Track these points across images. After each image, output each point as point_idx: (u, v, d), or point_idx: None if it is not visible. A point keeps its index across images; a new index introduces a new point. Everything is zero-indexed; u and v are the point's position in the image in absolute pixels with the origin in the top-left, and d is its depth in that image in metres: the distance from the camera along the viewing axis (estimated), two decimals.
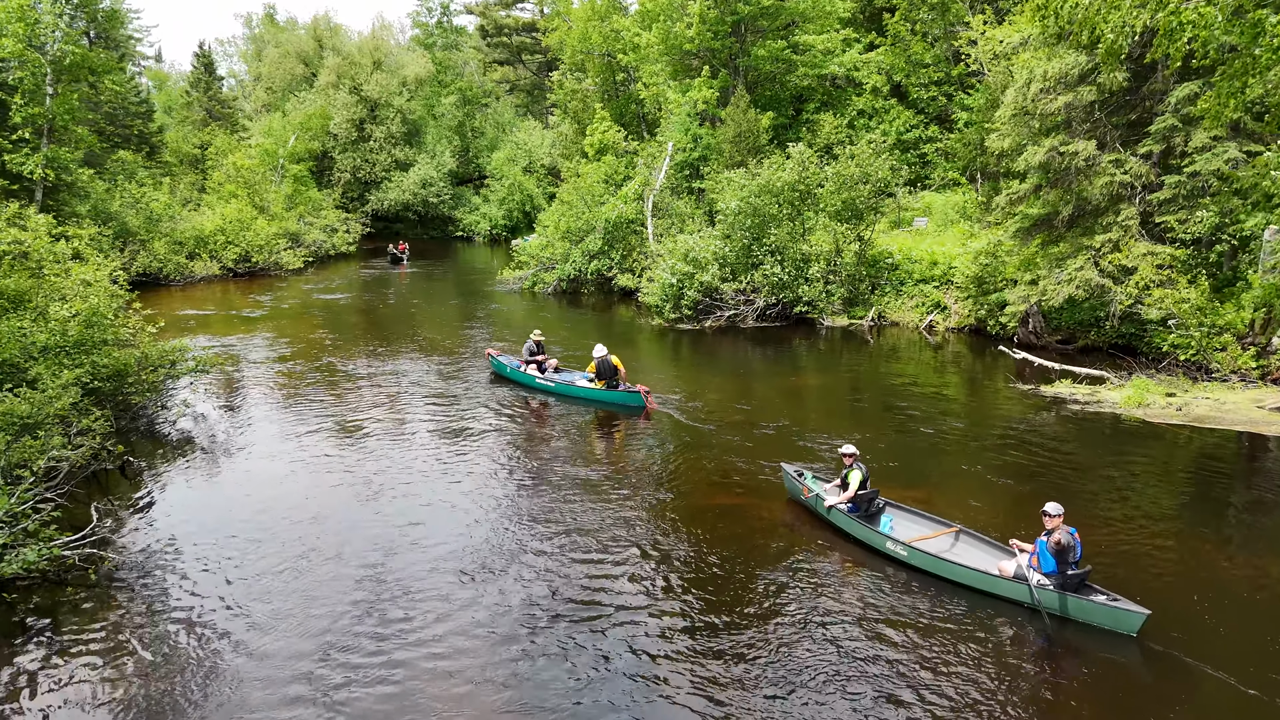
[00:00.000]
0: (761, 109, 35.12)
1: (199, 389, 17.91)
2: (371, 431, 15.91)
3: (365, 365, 21.43)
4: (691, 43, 35.27)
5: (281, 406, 17.52)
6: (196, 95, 55.36)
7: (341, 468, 13.87)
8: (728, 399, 18.57)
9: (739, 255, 25.57)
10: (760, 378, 21.11)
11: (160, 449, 14.73)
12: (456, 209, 61.87)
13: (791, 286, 25.29)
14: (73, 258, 21.91)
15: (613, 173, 36.01)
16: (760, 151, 32.32)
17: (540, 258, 34.29)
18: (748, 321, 25.60)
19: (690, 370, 21.95)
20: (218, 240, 37.83)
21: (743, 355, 23.46)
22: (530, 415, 17.50)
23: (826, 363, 22.83)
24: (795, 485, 12.19)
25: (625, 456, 14.97)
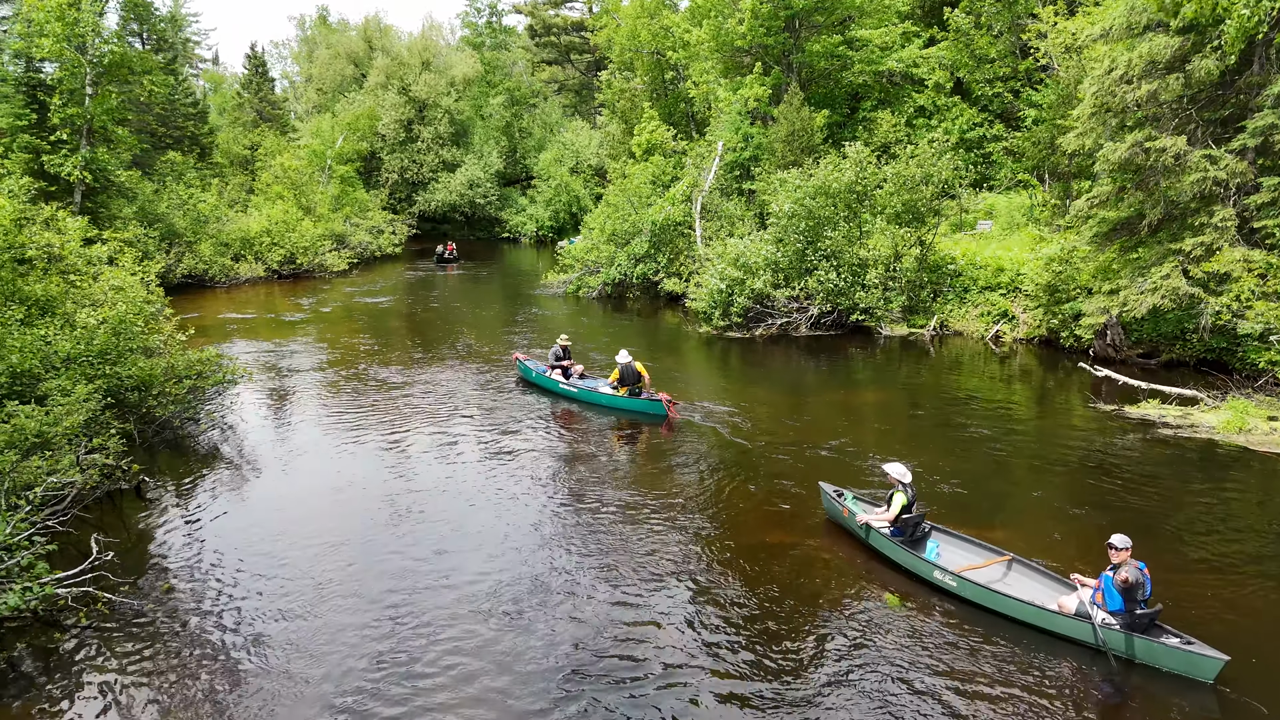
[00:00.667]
0: (816, 107, 33.76)
1: (229, 400, 17.25)
2: (401, 448, 15.08)
3: (400, 373, 20.68)
4: (743, 39, 34.06)
5: (311, 420, 16.78)
6: (247, 96, 55.71)
7: (365, 487, 13.04)
8: (777, 412, 17.48)
9: (792, 260, 24.31)
10: (813, 390, 19.90)
11: (182, 465, 14.05)
12: (503, 210, 61.42)
13: (848, 293, 23.97)
14: (108, 262, 21.60)
15: (660, 173, 34.98)
16: (814, 151, 30.98)
17: (585, 261, 33.39)
18: (800, 330, 24.35)
19: (738, 381, 20.81)
20: (263, 242, 37.67)
21: (795, 366, 22.25)
22: (563, 428, 16.62)
23: (884, 375, 21.50)
24: (834, 506, 11.46)
25: (664, 475, 13.94)
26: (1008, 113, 33.10)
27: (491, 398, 18.64)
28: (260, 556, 10.64)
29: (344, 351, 23.27)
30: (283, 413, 17.13)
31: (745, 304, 23.86)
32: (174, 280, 33.50)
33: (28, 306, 15.40)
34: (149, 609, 9.32)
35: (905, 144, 32.16)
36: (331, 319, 28.43)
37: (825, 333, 24.44)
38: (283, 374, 20.43)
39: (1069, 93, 25.72)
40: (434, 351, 23.49)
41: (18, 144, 20.24)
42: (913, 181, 23.87)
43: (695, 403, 18.07)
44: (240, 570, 10.28)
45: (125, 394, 14.42)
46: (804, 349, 23.45)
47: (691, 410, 17.33)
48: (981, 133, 32.05)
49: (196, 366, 15.26)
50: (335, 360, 22.12)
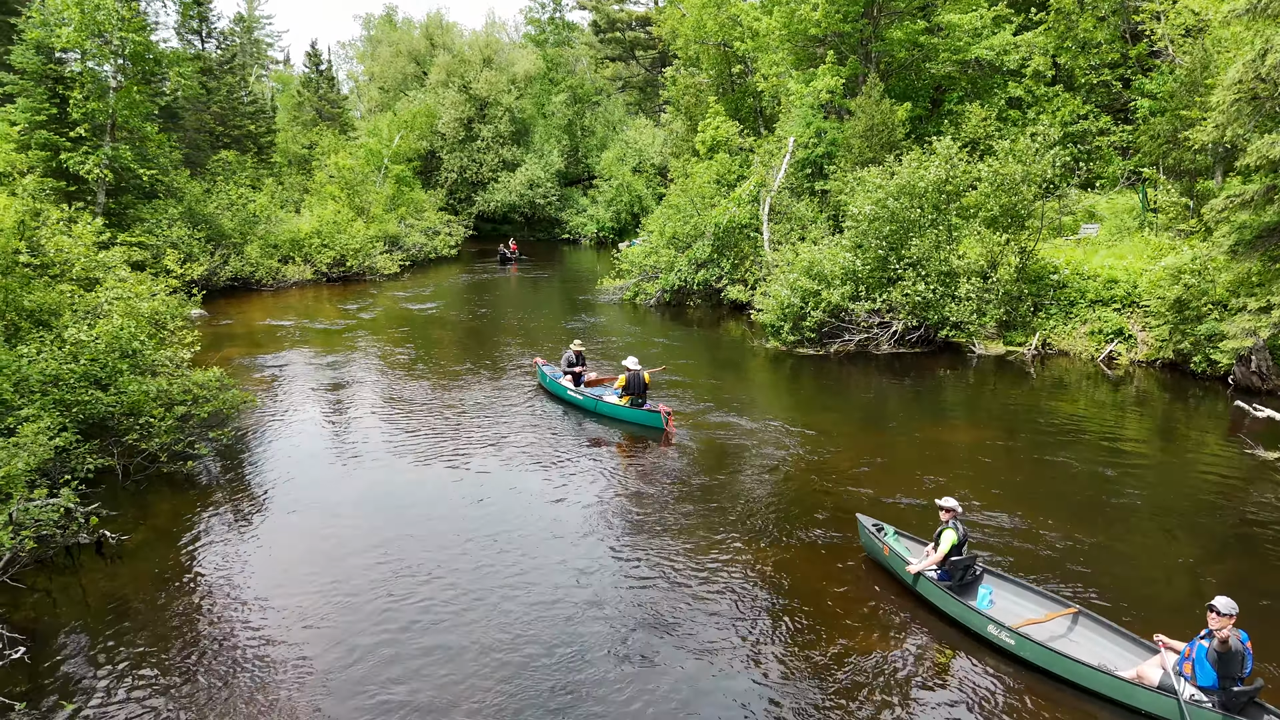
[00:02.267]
0: (896, 100, 30.92)
1: (240, 425, 15.47)
2: (416, 483, 13.07)
3: (433, 391, 18.75)
4: (818, 26, 31.41)
5: (323, 454, 14.68)
6: (307, 95, 55.05)
7: (365, 539, 11.03)
8: (850, 440, 15.53)
9: (873, 269, 21.69)
10: (893, 415, 17.49)
11: (167, 510, 12.06)
12: (563, 211, 59.68)
13: (936, 306, 21.25)
14: (136, 267, 20.20)
15: (725, 172, 32.60)
16: (895, 147, 28.20)
17: (643, 266, 31.18)
18: (882, 347, 21.71)
19: (808, 405, 18.38)
20: (312, 243, 36.41)
21: (874, 388, 19.70)
22: (594, 447, 14.87)
23: (976, 399, 18.86)
24: (873, 542, 10.32)
25: (708, 503, 12.37)
26: (1115, 103, 29.78)
27: (528, 420, 16.58)
28: (241, 646, 8.67)
29: (378, 365, 21.50)
30: (298, 441, 15.22)
31: (820, 318, 21.31)
32: (219, 283, 32.44)
33: (24, 318, 13.90)
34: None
35: (997, 139, 29.23)
36: (373, 327, 26.79)
37: (909, 350, 21.76)
38: (306, 392, 18.67)
39: (1194, 79, 22.55)
40: (473, 366, 21.56)
41: (35, 140, 18.92)
42: (1012, 181, 21.05)
43: (759, 423, 16.26)
44: (199, 664, 8.32)
45: (115, 421, 12.75)
46: (885, 369, 20.85)
47: (752, 435, 15.57)
48: (1086, 126, 28.77)
49: (195, 390, 13.47)
50: (366, 376, 20.33)
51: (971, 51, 31.58)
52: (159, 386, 12.95)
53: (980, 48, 31.32)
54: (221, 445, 13.79)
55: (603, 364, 21.19)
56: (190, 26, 46.34)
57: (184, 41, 46.35)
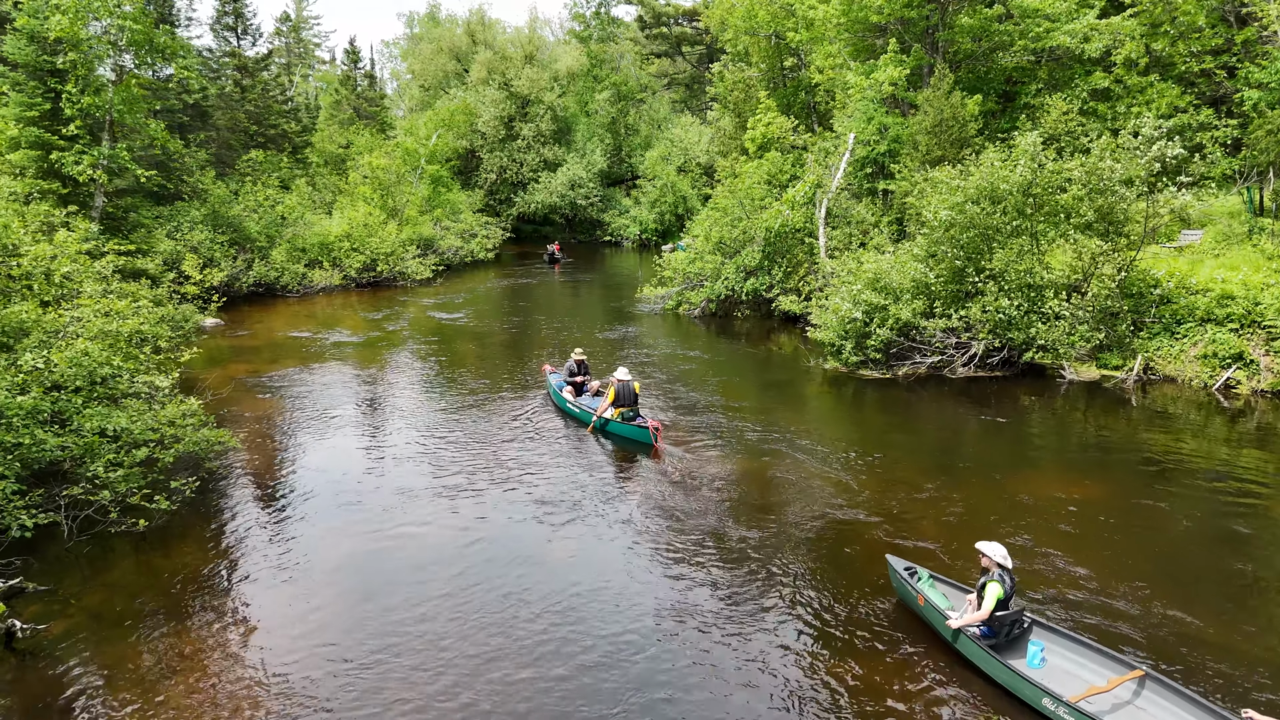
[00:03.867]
0: (966, 93, 28.24)
1: (206, 472, 13.04)
2: (408, 540, 11.00)
3: (442, 423, 16.70)
4: (880, 13, 28.87)
5: (305, 504, 12.53)
6: (345, 93, 53.80)
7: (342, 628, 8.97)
8: (916, 474, 13.69)
9: (947, 281, 19.17)
10: (968, 448, 15.31)
11: (101, 583, 9.88)
12: (605, 212, 57.60)
13: (1020, 324, 18.65)
14: (134, 277, 18.55)
15: (777, 172, 30.20)
16: (967, 144, 25.61)
17: (686, 273, 28.92)
18: (957, 370, 19.16)
19: (872, 434, 16.02)
20: (342, 247, 34.79)
21: (947, 416, 17.27)
22: (610, 470, 13.24)
23: (1064, 430, 16.40)
24: (905, 587, 9.29)
25: (748, 541, 11.10)
26: (1218, 95, 26.73)
27: (547, 445, 14.48)
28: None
29: (389, 388, 19.56)
30: (280, 488, 13.07)
31: (887, 337, 18.83)
32: (242, 289, 30.98)
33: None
34: None
35: (1081, 135, 26.42)
36: (394, 340, 24.91)
37: (988, 374, 19.19)
38: (304, 421, 16.66)
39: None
40: (494, 385, 19.52)
41: (25, 138, 17.34)
42: (1110, 181, 18.39)
43: (811, 454, 14.46)
44: None
45: (67, 467, 10.92)
46: (960, 395, 18.35)
47: (802, 467, 13.93)
48: (1186, 120, 25.77)
49: (163, 428, 11.54)
50: (374, 401, 18.35)
51: (1050, 39, 28.75)
52: (120, 424, 11.06)
53: (1060, 34, 28.47)
54: (187, 496, 11.56)
55: (638, 384, 19.04)
56: (226, 24, 45.27)
57: (219, 39, 45.35)
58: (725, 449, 15.07)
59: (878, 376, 19.35)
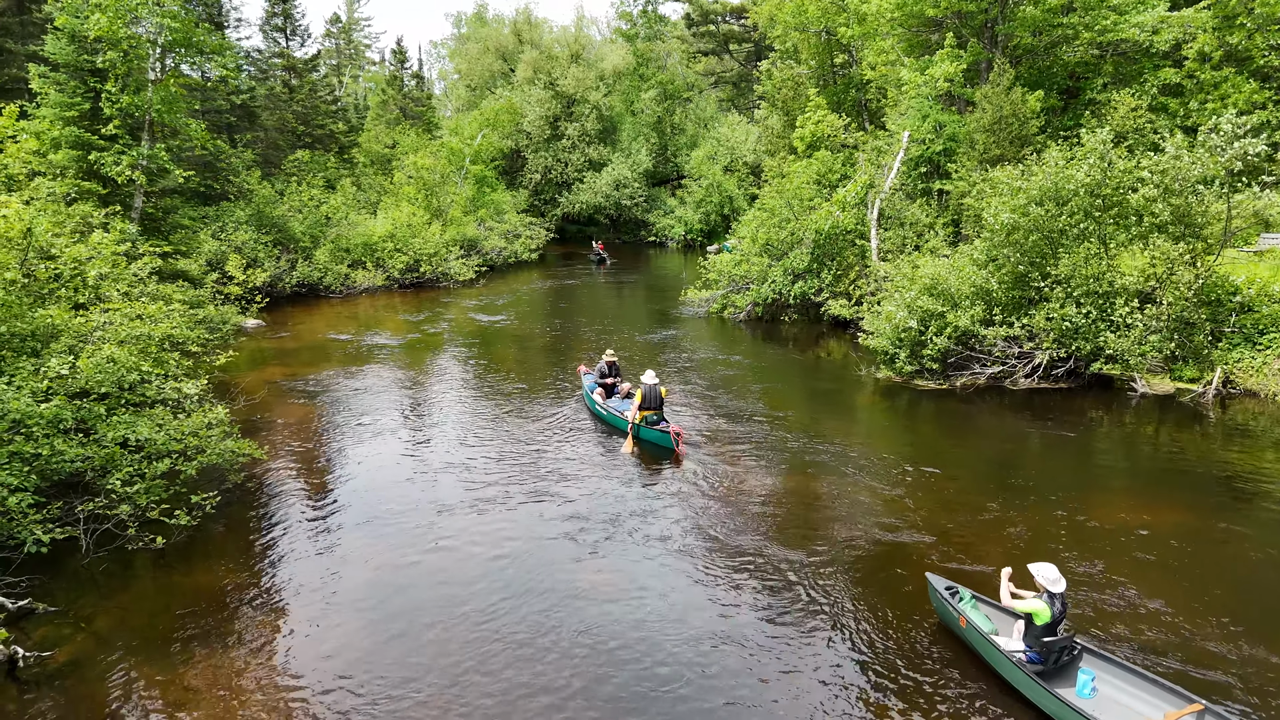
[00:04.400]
0: (1027, 88, 27.01)
1: (232, 485, 12.59)
2: (440, 559, 10.46)
3: (478, 430, 16.19)
4: (936, 6, 27.79)
5: (333, 519, 12.16)
6: (391, 93, 53.92)
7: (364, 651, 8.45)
8: (971, 491, 12.89)
9: (1009, 287, 18.13)
10: (1028, 465, 14.40)
11: (113, 606, 9.43)
12: (650, 212, 56.92)
13: (1088, 333, 17.55)
14: (170, 278, 18.39)
15: (826, 171, 29.26)
16: (1028, 142, 24.47)
17: (732, 276, 28.12)
18: (1018, 381, 18.11)
19: (925, 448, 15.13)
20: (385, 247, 34.63)
21: (1007, 430, 16.34)
22: (648, 477, 12.05)
23: (1133, 447, 15.43)
24: (946, 608, 8.88)
25: (789, 556, 10.46)
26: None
27: (586, 459, 13.85)
28: None
29: (427, 392, 19.14)
30: (307, 501, 12.60)
31: (944, 345, 17.86)
32: (286, 289, 30.93)
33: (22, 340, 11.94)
34: None
35: (1149, 132, 25.13)
36: (434, 343, 24.53)
37: (1052, 386, 18.11)
38: (335, 429, 16.20)
39: None
40: (531, 390, 18.99)
41: (65, 138, 17.24)
42: (1187, 181, 17.20)
43: (860, 467, 13.66)
44: None
45: (88, 478, 10.57)
46: (1021, 407, 17.34)
47: (850, 481, 13.24)
48: (1265, 117, 24.27)
49: (187, 439, 11.15)
50: (410, 407, 17.87)
51: (1117, 31, 27.38)
52: (142, 435, 10.69)
53: (1128, 27, 27.08)
54: (208, 511, 10.93)
55: (676, 389, 18.33)
56: (275, 24, 45.57)
57: (269, 40, 45.67)
58: (768, 461, 14.39)
59: (934, 387, 18.38)
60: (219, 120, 34.10)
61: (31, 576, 9.45)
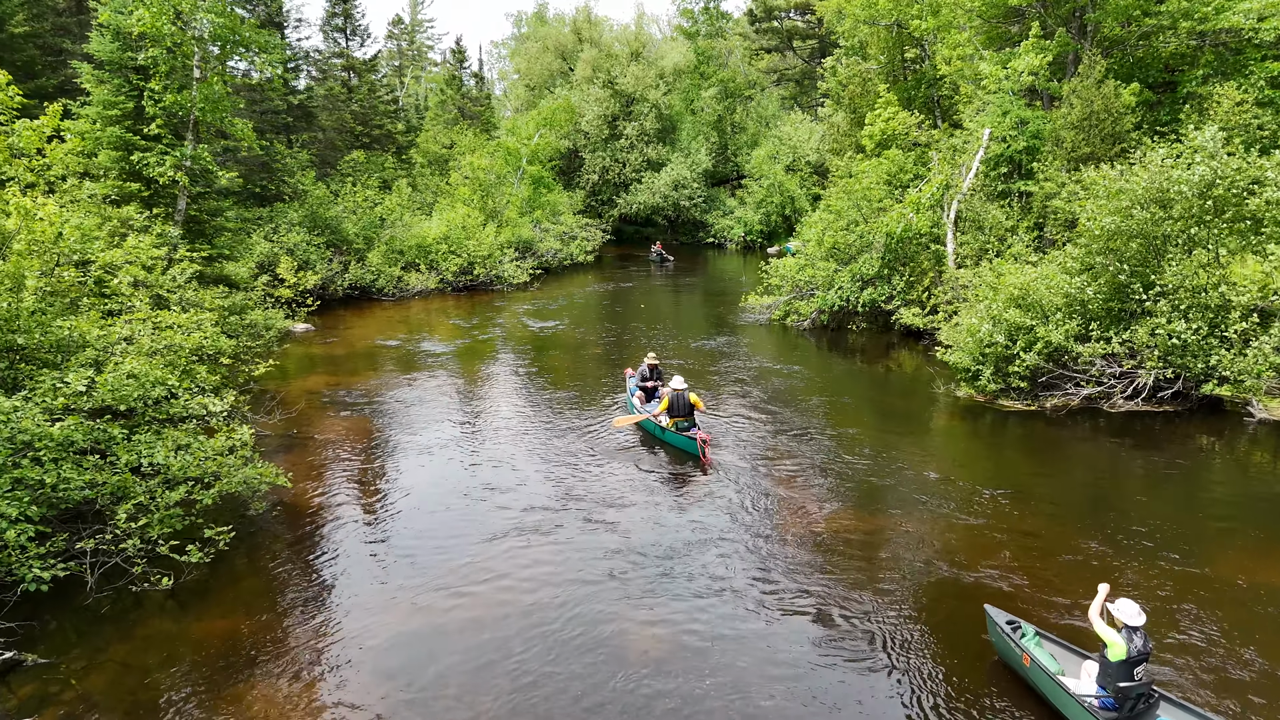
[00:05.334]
0: (1119, 82, 25.02)
1: (257, 511, 11.69)
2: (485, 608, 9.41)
3: (525, 452, 15.15)
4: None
5: (365, 558, 11.26)
6: (450, 93, 53.60)
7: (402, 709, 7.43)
8: (1060, 526, 11.43)
9: (1107, 299, 16.42)
10: (1125, 498, 12.81)
11: (115, 655, 8.56)
12: (709, 213, 55.53)
13: (1198, 351, 15.76)
14: (214, 283, 17.80)
15: (898, 171, 27.63)
16: (1120, 139, 22.57)
17: (795, 281, 26.69)
18: (1117, 403, 16.38)
19: (1011, 478, 13.64)
20: (439, 250, 33.98)
21: (1103, 458, 14.81)
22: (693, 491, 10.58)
23: (1256, 482, 13.64)
24: (1008, 645, 8.21)
25: (850, 591, 8.80)
26: None
27: (636, 481, 12.69)
28: None
29: (474, 406, 18.18)
30: (340, 531, 11.65)
31: (1034, 362, 16.22)
32: (338, 292, 30.47)
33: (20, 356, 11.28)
34: None
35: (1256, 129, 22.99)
36: (485, 351, 23.65)
37: (1155, 408, 16.34)
38: (376, 448, 15.29)
39: None
40: (584, 401, 17.92)
41: (107, 138, 16.73)
42: None
43: (934, 495, 12.42)
44: None
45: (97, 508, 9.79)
46: (1120, 432, 15.66)
47: (921, 508, 12.07)
48: None
49: (206, 464, 10.28)
50: (456, 423, 16.82)
51: (1218, 20, 25.20)
52: (158, 459, 9.86)
53: (1233, 14, 24.88)
54: (221, 548, 9.95)
55: (733, 402, 17.05)
56: (335, 25, 45.49)
57: (329, 40, 45.62)
58: (831, 483, 13.30)
59: (1020, 408, 16.75)
60: (275, 121, 33.86)
61: (28, 620, 8.67)
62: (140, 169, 16.77)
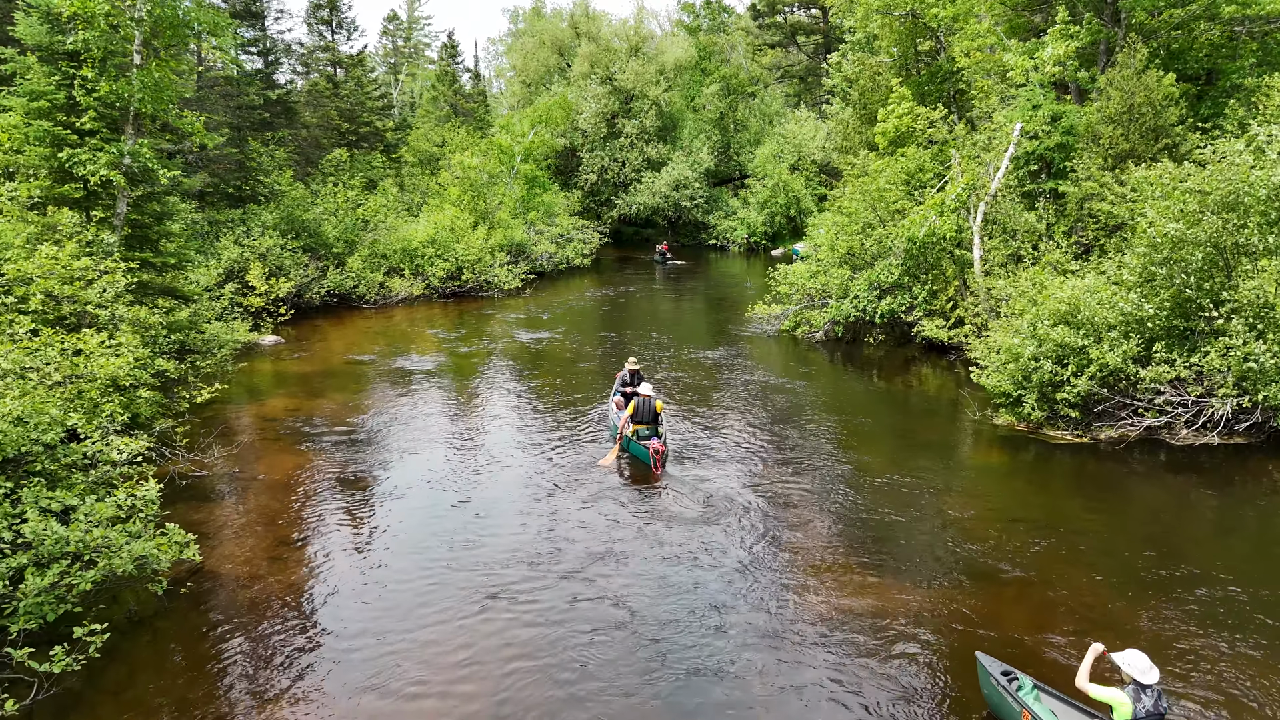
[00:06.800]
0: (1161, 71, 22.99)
1: (156, 594, 9.16)
2: None
3: (503, 496, 13.17)
4: None
5: (290, 648, 9.31)
6: (441, 89, 51.59)
7: None
8: (1117, 580, 9.50)
9: (1168, 318, 14.38)
10: (1198, 546, 10.86)
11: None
12: (711, 214, 53.45)
13: (1277, 376, 13.72)
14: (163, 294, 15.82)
15: (917, 170, 25.60)
16: (1163, 134, 20.58)
17: (806, 289, 24.67)
18: (1181, 434, 14.33)
19: (1058, 519, 11.73)
20: (426, 254, 31.91)
21: (1170, 498, 12.95)
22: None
23: None
24: (1003, 699, 7.12)
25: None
26: None
27: (623, 529, 10.68)
28: None
29: (447, 437, 16.04)
30: (276, 600, 9.67)
31: (1086, 388, 14.17)
32: (315, 299, 28.45)
33: None
34: None
35: None
36: (466, 368, 21.61)
37: (1226, 440, 14.28)
38: (325, 492, 13.12)
39: None
40: (573, 429, 15.91)
41: (34, 134, 14.72)
42: None
43: (973, 538, 10.33)
44: None
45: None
46: (1186, 467, 13.67)
47: (953, 559, 9.96)
48: None
49: (86, 537, 8.18)
50: (424, 458, 14.72)
51: (1262, 5, 23.18)
52: (29, 532, 7.83)
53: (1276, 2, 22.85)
54: (94, 655, 7.64)
55: (736, 422, 15.04)
56: (320, 17, 43.51)
57: (314, 33, 43.63)
58: (842, 527, 11.71)
59: (1069, 439, 14.70)
60: (252, 117, 31.82)
61: None
62: (70, 167, 14.74)
